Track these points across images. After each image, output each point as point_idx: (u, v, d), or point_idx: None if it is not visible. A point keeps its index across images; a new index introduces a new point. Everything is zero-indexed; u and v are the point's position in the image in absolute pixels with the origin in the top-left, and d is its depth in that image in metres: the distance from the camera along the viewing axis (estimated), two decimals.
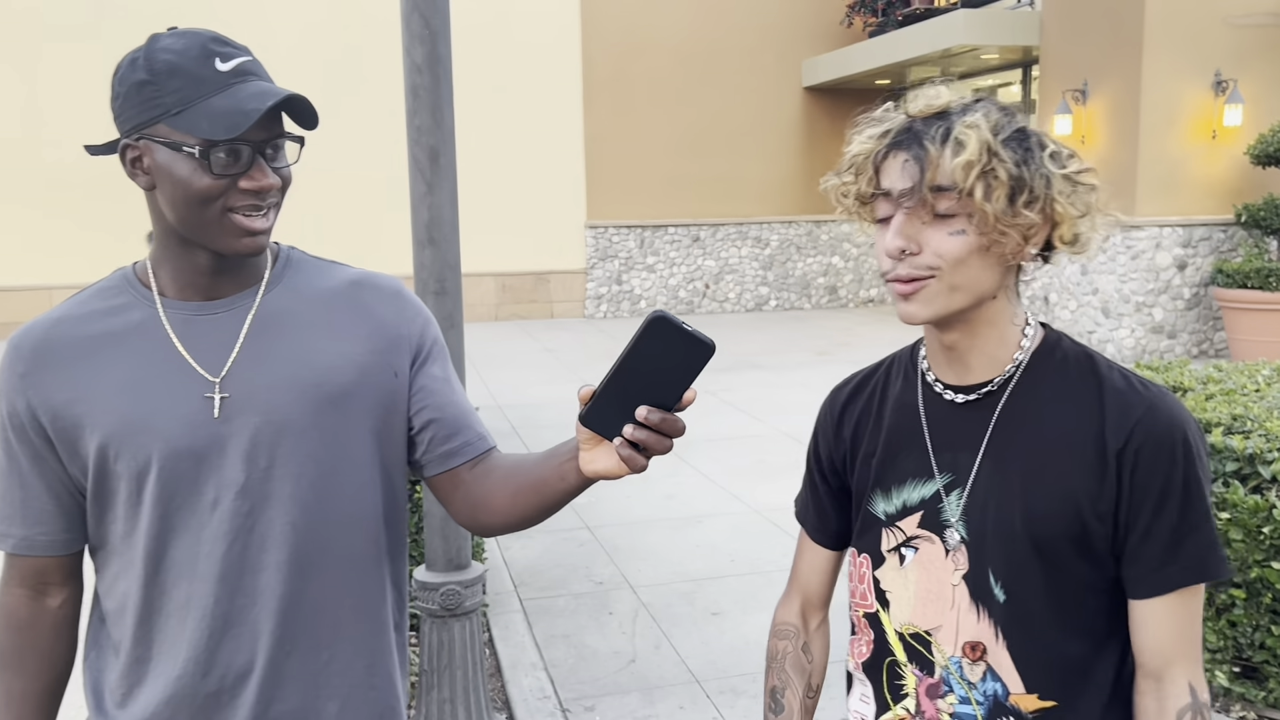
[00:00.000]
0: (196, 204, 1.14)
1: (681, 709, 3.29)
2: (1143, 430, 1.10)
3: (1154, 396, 1.12)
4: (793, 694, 1.39)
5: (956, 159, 1.06)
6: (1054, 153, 1.11)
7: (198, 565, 1.19)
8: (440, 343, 1.34)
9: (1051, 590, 1.13)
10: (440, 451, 1.29)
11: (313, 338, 1.24)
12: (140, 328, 1.21)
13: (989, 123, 1.08)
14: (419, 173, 2.60)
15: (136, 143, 1.16)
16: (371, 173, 12.78)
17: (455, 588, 2.77)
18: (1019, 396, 1.16)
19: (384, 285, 1.33)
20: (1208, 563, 1.11)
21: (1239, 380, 3.76)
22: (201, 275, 1.21)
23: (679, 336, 1.00)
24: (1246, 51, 9.34)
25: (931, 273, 1.10)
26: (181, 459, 1.17)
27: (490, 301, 13.70)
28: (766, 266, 14.55)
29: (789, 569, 4.48)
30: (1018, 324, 1.17)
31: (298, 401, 1.21)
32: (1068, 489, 1.12)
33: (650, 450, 1.03)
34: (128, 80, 1.15)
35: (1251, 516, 2.92)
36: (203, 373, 1.19)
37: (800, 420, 7.44)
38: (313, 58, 12.48)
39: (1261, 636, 3.02)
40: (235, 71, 1.14)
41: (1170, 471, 1.10)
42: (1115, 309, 9.66)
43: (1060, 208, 1.09)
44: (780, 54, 14.20)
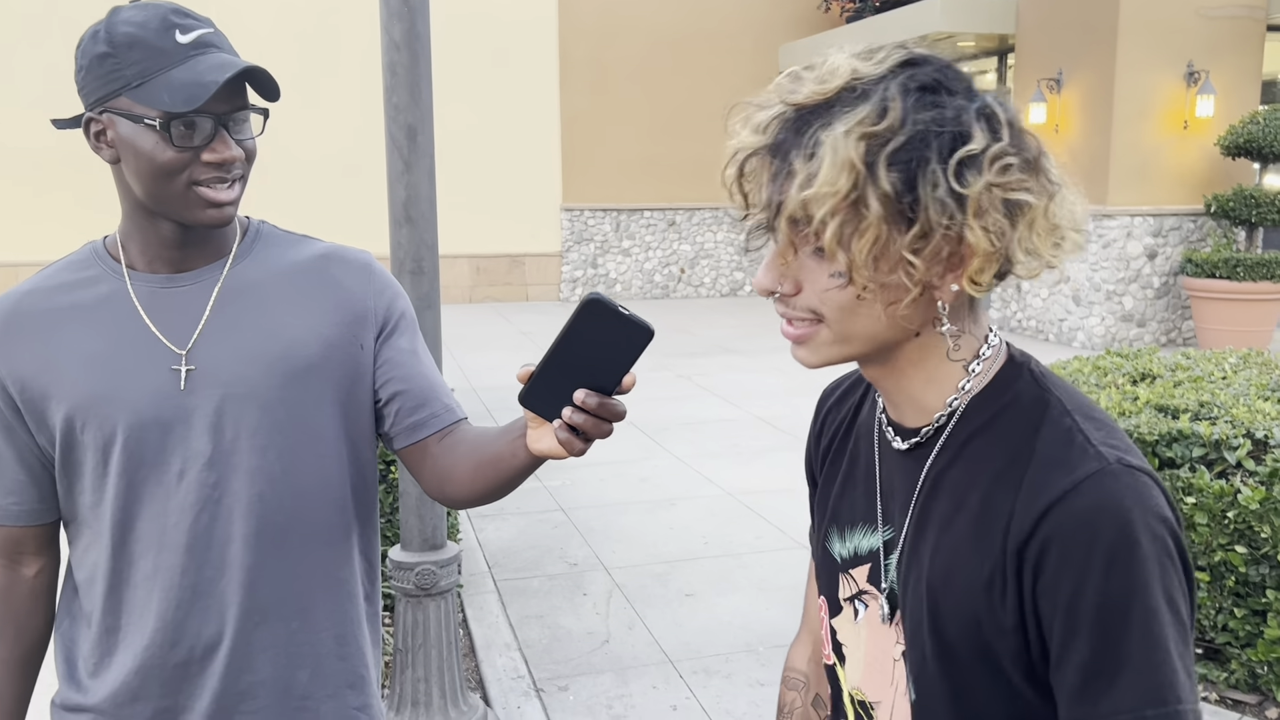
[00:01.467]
0: (160, 177, 1.14)
1: (654, 688, 3.31)
2: (1053, 520, 0.80)
3: (1088, 473, 0.81)
4: None
5: (806, 191, 0.79)
6: (968, 157, 0.79)
7: (165, 536, 1.19)
8: (409, 315, 1.34)
9: (963, 710, 0.89)
10: (407, 424, 1.29)
11: (279, 311, 1.24)
12: (108, 300, 1.21)
13: (869, 126, 0.79)
14: (396, 151, 2.58)
15: (99, 116, 1.16)
16: (348, 151, 12.67)
17: (430, 567, 2.77)
18: (950, 451, 0.90)
19: (352, 259, 1.33)
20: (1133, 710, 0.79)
21: (1206, 368, 3.82)
22: (169, 248, 1.22)
23: (616, 319, 0.97)
24: (1219, 43, 9.43)
25: (816, 316, 0.86)
26: (147, 430, 1.18)
27: (465, 284, 13.64)
28: (742, 251, 14.53)
29: (761, 551, 4.53)
30: (959, 358, 0.89)
31: (263, 374, 1.21)
32: (968, 585, 0.86)
33: (588, 435, 1.01)
34: (89, 53, 1.14)
35: (1216, 501, 2.98)
36: (169, 345, 1.20)
37: (773, 405, 7.48)
38: (289, 34, 12.34)
39: (1224, 619, 3.08)
40: (195, 43, 1.14)
41: (1081, 584, 0.79)
42: (1086, 297, 9.76)
43: (972, 237, 0.80)
44: (758, 38, 14.18)
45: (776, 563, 4.40)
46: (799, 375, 8.58)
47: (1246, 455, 3.02)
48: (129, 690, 1.22)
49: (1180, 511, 3.06)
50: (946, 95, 0.82)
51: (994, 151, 0.80)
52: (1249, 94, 9.63)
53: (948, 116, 0.80)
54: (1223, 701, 3.12)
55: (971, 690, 0.88)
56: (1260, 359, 4.00)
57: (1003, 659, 0.86)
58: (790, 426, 6.85)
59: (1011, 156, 0.81)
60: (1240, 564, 2.96)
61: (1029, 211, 0.81)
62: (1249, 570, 2.97)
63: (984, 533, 0.86)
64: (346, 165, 12.69)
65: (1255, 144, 8.97)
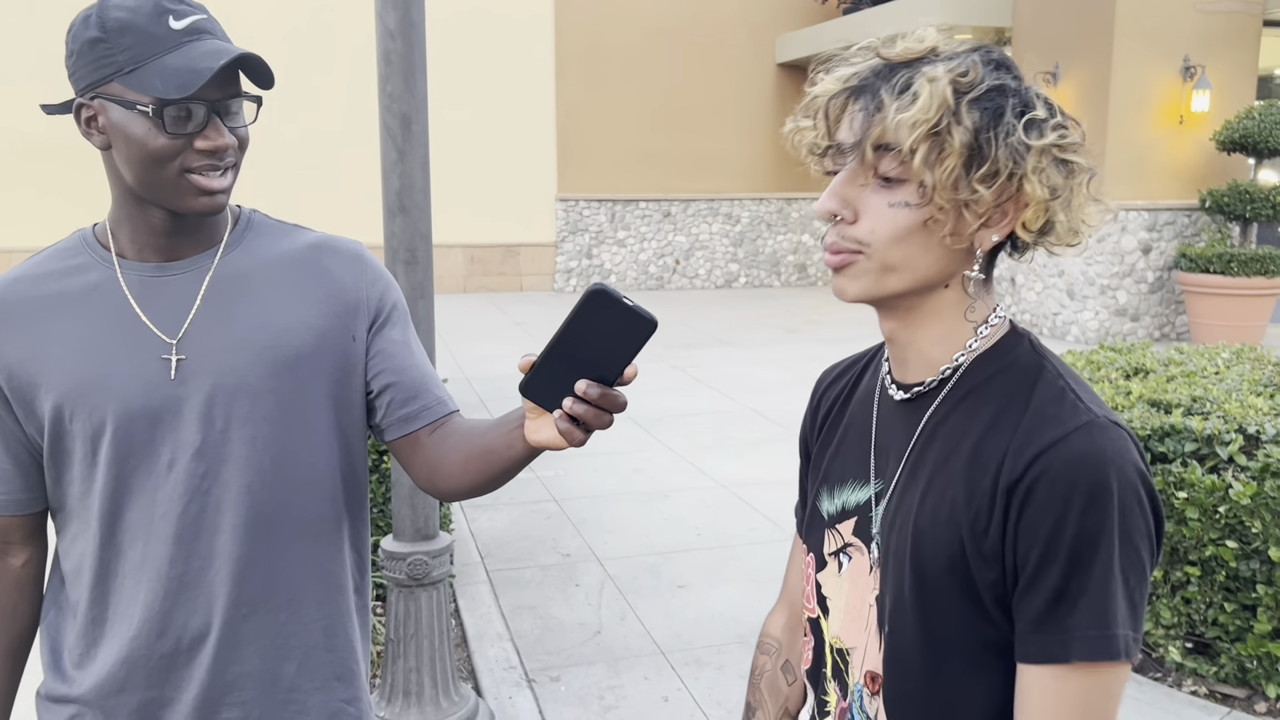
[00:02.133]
0: (153, 164, 1.13)
1: (646, 679, 3.32)
2: (1042, 464, 0.90)
3: (1077, 425, 0.91)
4: (763, 716, 1.27)
5: (902, 114, 0.90)
6: (1033, 120, 0.91)
7: (153, 526, 1.19)
8: (401, 307, 1.33)
9: (933, 636, 0.96)
10: (399, 415, 1.29)
11: (270, 301, 1.24)
12: (98, 289, 1.20)
13: (958, 74, 0.91)
14: (390, 140, 2.57)
15: (90, 101, 1.15)
16: (342, 140, 12.63)
17: (422, 558, 2.77)
18: (949, 403, 0.99)
19: (344, 249, 1.32)
20: (1080, 641, 0.89)
21: (1199, 363, 3.83)
22: (159, 236, 1.21)
23: (619, 310, 0.97)
24: (1215, 38, 9.44)
25: (860, 248, 0.95)
26: (137, 420, 1.17)
27: (459, 273, 13.61)
28: (737, 243, 14.56)
29: (754, 543, 4.54)
30: (974, 320, 0.98)
31: (254, 364, 1.20)
32: (954, 518, 0.94)
33: (589, 425, 1.01)
34: (80, 38, 1.13)
35: (1208, 496, 2.98)
36: (159, 334, 1.19)
37: (767, 397, 7.48)
38: (283, 21, 12.28)
39: (1214, 614, 3.09)
40: (189, 30, 1.13)
41: (1061, 520, 0.88)
42: (1080, 291, 9.78)
43: (1030, 187, 0.91)
44: (755, 29, 14.15)
45: (769, 555, 4.41)
46: (793, 368, 8.59)
47: (1238, 450, 3.02)
48: (115, 681, 1.21)
49: (1171, 501, 3.07)
50: (1014, 74, 0.95)
51: (1055, 121, 0.93)
52: (1245, 89, 9.64)
53: (1017, 86, 0.94)
54: (1212, 695, 3.13)
55: (943, 620, 0.96)
56: (1253, 354, 4.01)
57: (979, 586, 0.94)
58: (784, 418, 6.86)
59: (1067, 129, 0.94)
60: (1231, 559, 2.97)
61: (1078, 174, 0.94)
62: (1239, 565, 2.98)
63: (976, 473, 0.94)
64: (341, 154, 12.66)
65: (1251, 139, 8.98)
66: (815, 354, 9.22)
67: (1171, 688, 3.19)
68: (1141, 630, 0.92)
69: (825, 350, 9.44)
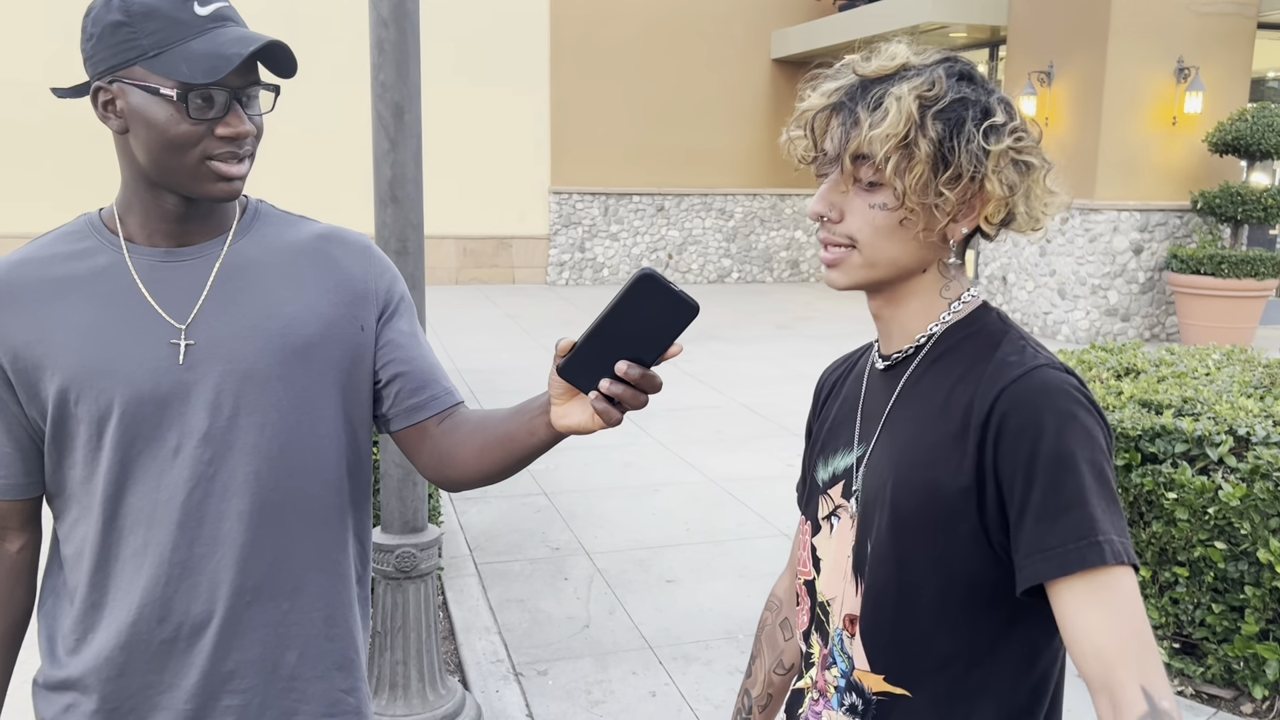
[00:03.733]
0: (173, 149, 1.13)
1: (634, 674, 3.31)
2: (1008, 397, 1.00)
3: (1035, 365, 1.03)
4: (760, 664, 1.39)
5: (874, 130, 1.02)
6: (993, 126, 1.04)
7: (157, 512, 1.18)
8: (408, 299, 1.34)
9: (907, 572, 1.06)
10: (407, 405, 1.29)
11: (279, 289, 1.24)
12: (105, 272, 1.19)
13: (924, 90, 1.03)
14: (383, 129, 2.55)
15: (109, 85, 1.14)
16: (334, 129, 12.58)
17: (411, 550, 2.76)
18: (923, 365, 1.11)
19: (351, 240, 1.32)
20: (1076, 552, 0.95)
21: (1190, 364, 3.83)
22: (170, 221, 1.20)
23: (665, 295, 1.00)
24: (1209, 40, 9.45)
25: (850, 243, 1.08)
26: (144, 404, 1.16)
27: (451, 265, 13.58)
28: (730, 238, 14.55)
29: (743, 538, 4.53)
30: (947, 296, 1.11)
31: (262, 351, 1.20)
32: (929, 459, 1.05)
33: (625, 405, 1.04)
34: (101, 21, 1.12)
35: (1197, 497, 2.99)
36: (168, 319, 1.18)
37: (758, 392, 7.48)
38: (276, 8, 12.22)
39: (1202, 614, 3.09)
40: (214, 16, 1.13)
41: (1036, 442, 0.98)
42: (1071, 290, 9.79)
43: (990, 186, 1.03)
44: (749, 24, 14.13)
45: (758, 550, 4.40)
46: (784, 363, 8.59)
47: (1228, 452, 3.02)
48: (114, 666, 1.20)
49: (1161, 502, 3.07)
50: (976, 84, 1.07)
51: (1012, 126, 1.05)
52: (1238, 91, 9.66)
53: (978, 97, 1.05)
54: (1199, 696, 3.14)
55: (917, 558, 1.06)
56: (1243, 356, 4.01)
57: (958, 519, 1.03)
58: (775, 414, 6.86)
59: (1024, 133, 1.06)
60: (1219, 560, 2.98)
61: (1034, 173, 1.06)
62: (1228, 566, 2.98)
63: (947, 418, 1.05)
64: (333, 143, 12.60)
65: (1243, 141, 9.00)
66: (807, 350, 9.22)
67: None
68: (1128, 537, 0.99)
69: (817, 346, 9.44)
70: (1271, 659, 2.95)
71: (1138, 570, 0.98)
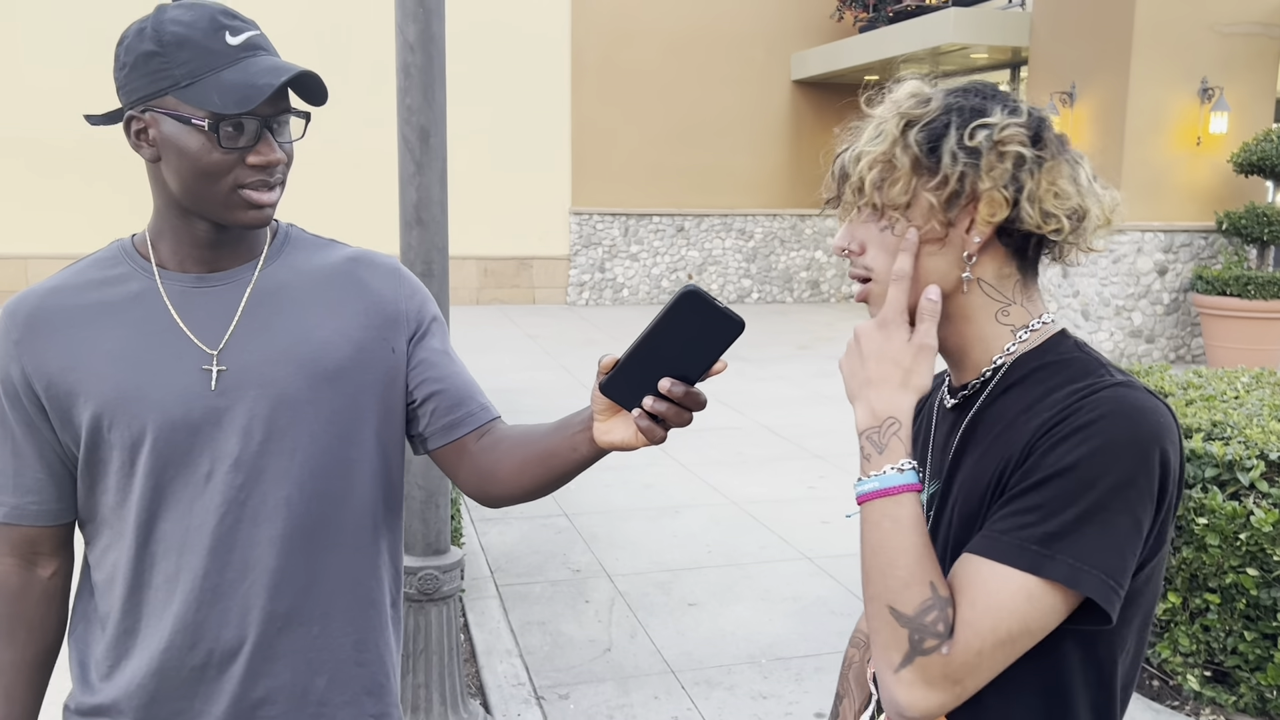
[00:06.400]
0: (205, 177, 1.13)
1: (656, 699, 3.29)
2: (1075, 405, 0.96)
3: (1114, 381, 0.98)
4: (849, 704, 1.35)
5: (854, 151, 1.05)
6: (980, 125, 1.01)
7: (189, 537, 1.18)
8: (439, 319, 1.34)
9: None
10: (444, 423, 1.29)
11: (310, 313, 1.24)
12: (138, 298, 1.20)
13: (913, 108, 1.03)
14: (408, 152, 2.57)
15: (142, 114, 1.14)
16: (360, 152, 12.67)
17: (433, 572, 2.75)
18: (989, 399, 1.07)
19: (381, 263, 1.32)
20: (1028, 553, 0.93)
21: (1219, 387, 3.79)
22: (201, 247, 1.21)
23: (709, 312, 0.99)
24: (1233, 59, 9.40)
25: (868, 273, 1.07)
26: (177, 430, 1.17)
27: (472, 285, 13.63)
28: (750, 259, 14.55)
29: (764, 562, 4.50)
30: (1007, 323, 1.06)
31: (294, 376, 1.20)
32: (984, 494, 1.02)
33: (669, 423, 1.04)
34: (135, 50, 1.13)
35: (1229, 523, 2.94)
36: (200, 345, 1.19)
37: (779, 414, 7.45)
38: (304, 32, 12.35)
39: (1234, 642, 3.04)
40: (245, 45, 1.13)
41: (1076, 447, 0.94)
42: (1095, 312, 9.72)
43: (981, 184, 1.00)
44: (770, 46, 14.17)
45: (780, 574, 4.37)
46: (805, 384, 8.56)
47: (1260, 477, 2.98)
48: (145, 692, 1.20)
49: (1191, 527, 3.03)
50: (981, 96, 1.04)
51: (1004, 122, 1.01)
52: (1263, 111, 9.59)
53: (972, 104, 1.03)
54: None
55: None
56: (1273, 379, 3.96)
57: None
58: (796, 435, 6.82)
59: (1017, 127, 1.01)
60: (1252, 586, 2.93)
61: (1027, 163, 1.00)
62: (1260, 593, 2.94)
63: (1008, 444, 1.00)
64: (358, 166, 12.70)
65: (1269, 162, 8.93)
66: (827, 371, 9.18)
67: (1189, 716, 3.14)
68: (1115, 576, 0.93)
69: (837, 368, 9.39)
70: None
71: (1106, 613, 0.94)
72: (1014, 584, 0.93)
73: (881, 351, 1.03)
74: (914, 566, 0.96)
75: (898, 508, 0.98)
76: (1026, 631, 0.94)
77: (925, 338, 1.03)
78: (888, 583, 0.97)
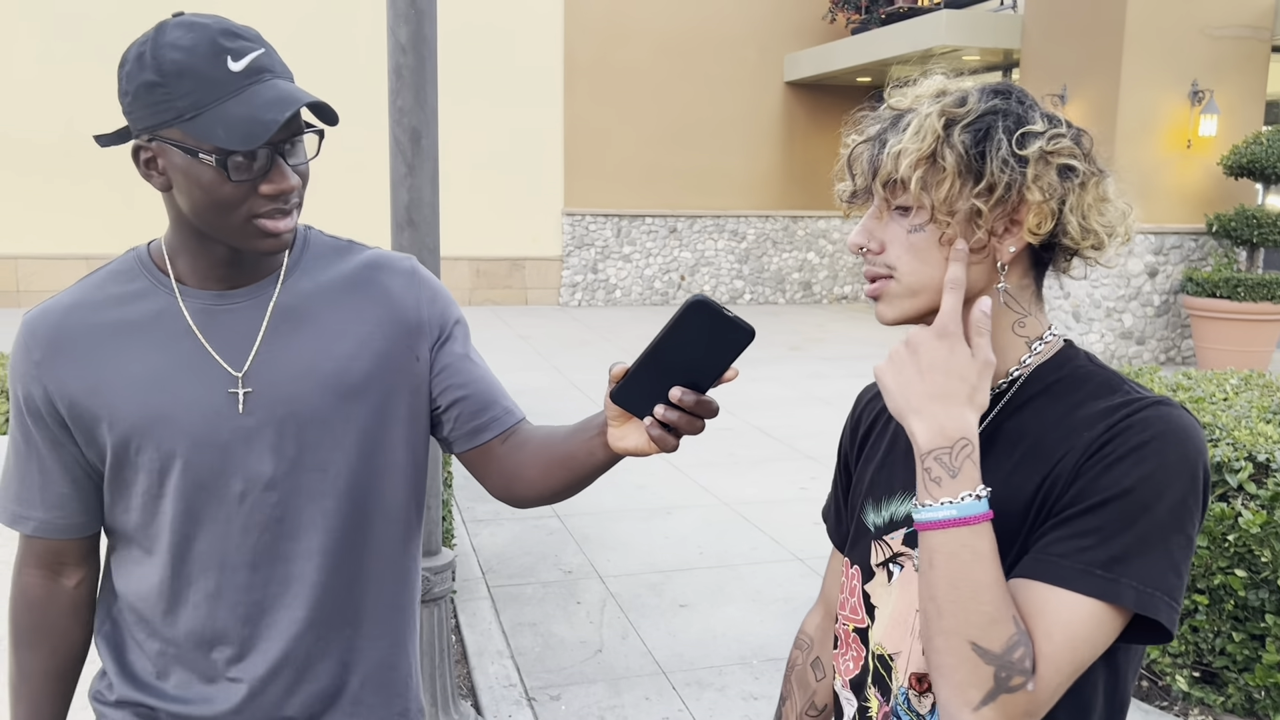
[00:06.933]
0: (218, 209, 1.11)
1: (647, 700, 3.29)
2: (1122, 423, 0.95)
3: (1155, 400, 0.97)
4: (791, 706, 1.35)
5: (897, 148, 1.00)
6: (1027, 133, 0.98)
7: (227, 557, 1.19)
8: (462, 321, 1.34)
9: None
10: (469, 428, 1.29)
11: (333, 327, 1.22)
12: (160, 317, 1.18)
13: (951, 105, 1.00)
14: (400, 154, 2.57)
15: (149, 144, 1.12)
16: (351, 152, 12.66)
17: (426, 574, 2.75)
18: (1007, 412, 1.03)
19: (400, 266, 1.30)
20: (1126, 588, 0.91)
21: (1208, 389, 3.80)
22: (222, 266, 1.19)
23: (719, 321, 1.00)
24: (1223, 62, 9.44)
25: (890, 272, 1.03)
26: (207, 453, 1.16)
27: (464, 286, 13.62)
28: (742, 260, 14.56)
29: (756, 563, 4.51)
30: (1023, 334, 1.04)
31: (321, 393, 1.19)
32: (1010, 511, 0.99)
33: (681, 431, 1.04)
34: (136, 79, 1.09)
35: (1217, 524, 2.96)
36: (226, 366, 1.18)
37: (771, 414, 7.46)
38: (295, 33, 12.33)
39: (1223, 643, 3.06)
40: (249, 71, 1.09)
41: (1133, 466, 0.93)
42: (1086, 313, 9.76)
43: (1029, 193, 0.97)
44: (763, 48, 14.19)
45: (771, 575, 4.38)
46: (797, 385, 8.57)
47: (1248, 479, 3.00)
48: (193, 694, 1.22)
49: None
50: (1012, 98, 1.01)
51: (1051, 131, 0.99)
52: (1253, 114, 9.63)
53: (1010, 108, 1.00)
54: None
55: None
56: (1262, 381, 3.98)
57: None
58: (788, 437, 6.83)
59: (1064, 137, 0.99)
60: (1240, 588, 2.95)
61: (1078, 177, 0.99)
62: (1248, 594, 2.95)
63: (1038, 463, 0.98)
64: (349, 167, 12.68)
65: (1258, 164, 8.97)
66: (819, 372, 9.20)
67: (1178, 717, 3.15)
68: (1174, 595, 0.93)
69: (829, 368, 9.41)
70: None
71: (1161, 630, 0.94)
72: (1084, 611, 0.92)
73: (948, 365, 0.97)
74: (999, 602, 0.93)
75: (977, 539, 0.94)
76: (1095, 656, 0.93)
77: (988, 353, 0.98)
78: (970, 618, 0.93)
